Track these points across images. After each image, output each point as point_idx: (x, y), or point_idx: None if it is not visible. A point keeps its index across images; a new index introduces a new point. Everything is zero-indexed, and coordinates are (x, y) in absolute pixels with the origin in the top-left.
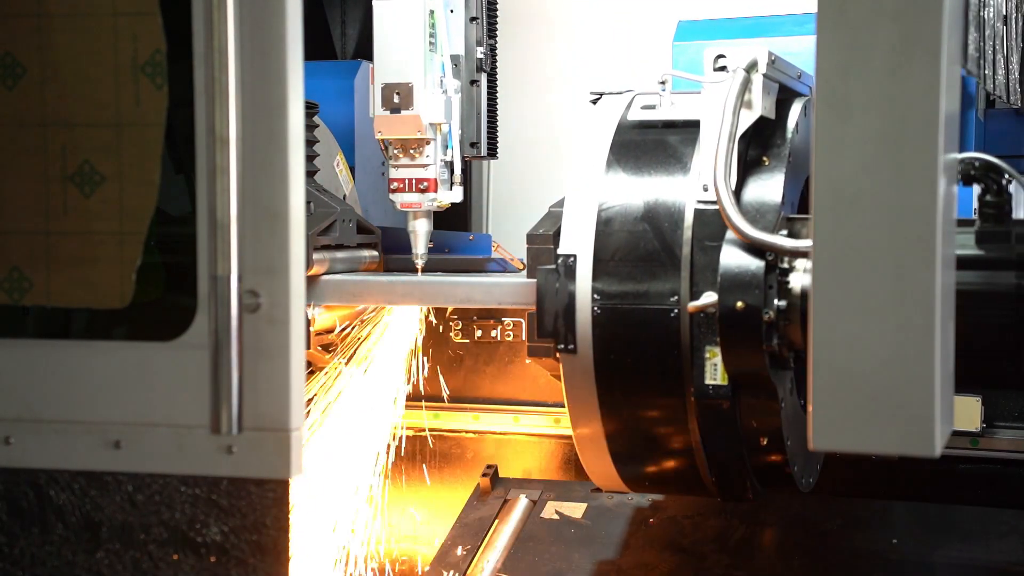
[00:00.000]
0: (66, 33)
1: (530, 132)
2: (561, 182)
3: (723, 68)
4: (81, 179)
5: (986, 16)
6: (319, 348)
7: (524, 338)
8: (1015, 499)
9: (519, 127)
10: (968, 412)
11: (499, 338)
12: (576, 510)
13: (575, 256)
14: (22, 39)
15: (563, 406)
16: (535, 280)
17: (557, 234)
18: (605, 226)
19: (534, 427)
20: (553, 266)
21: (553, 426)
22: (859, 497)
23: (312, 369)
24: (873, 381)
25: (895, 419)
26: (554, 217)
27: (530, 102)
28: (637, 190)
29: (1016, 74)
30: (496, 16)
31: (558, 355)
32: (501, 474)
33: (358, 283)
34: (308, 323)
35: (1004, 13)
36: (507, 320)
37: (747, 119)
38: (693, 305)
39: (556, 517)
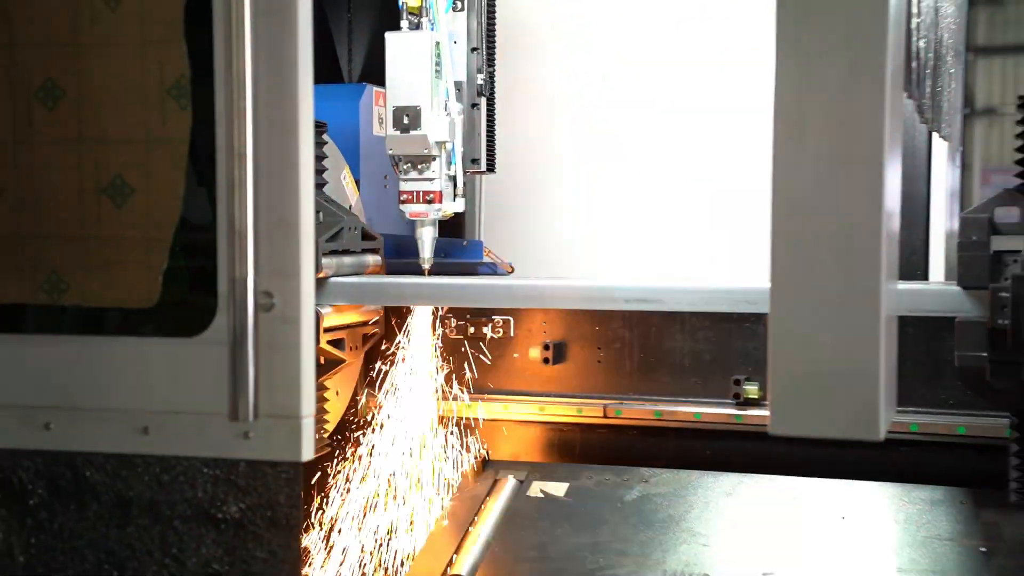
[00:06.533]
0: (101, 60)
1: (517, 150)
2: (545, 195)
3: None
4: (113, 191)
5: (920, 45)
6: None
7: (512, 334)
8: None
9: (507, 145)
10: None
11: (490, 334)
12: (559, 489)
13: None
14: (62, 65)
15: (547, 395)
16: (959, 288)
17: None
18: None
19: (522, 414)
20: None
21: (539, 413)
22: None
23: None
24: (825, 374)
25: (845, 407)
26: (978, 223)
27: (517, 123)
28: None
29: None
30: (495, 46)
31: None
32: (492, 457)
33: (441, 287)
34: (318, 321)
35: (936, 43)
36: (497, 318)
37: None
38: None
39: (541, 495)
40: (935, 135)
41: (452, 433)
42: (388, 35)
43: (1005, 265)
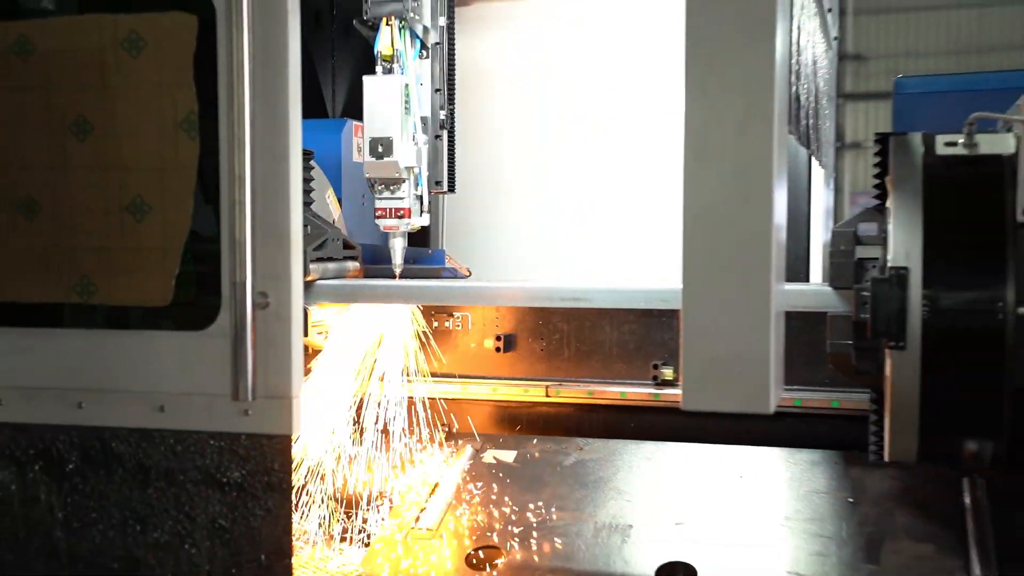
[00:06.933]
0: (123, 100)
1: (474, 173)
2: (497, 211)
3: None
4: (134, 209)
5: (803, 91)
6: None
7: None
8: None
9: (465, 170)
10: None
11: (451, 327)
12: (509, 456)
13: (907, 268)
14: (91, 104)
15: (499, 378)
16: (831, 289)
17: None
18: (930, 243)
19: (477, 394)
20: (886, 276)
21: (492, 393)
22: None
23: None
24: (727, 359)
25: (742, 386)
26: (845, 236)
27: (475, 151)
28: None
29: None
30: (455, 88)
31: (887, 351)
32: (453, 429)
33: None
34: (306, 317)
35: (816, 89)
36: (456, 315)
37: None
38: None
39: (493, 461)
40: (815, 164)
41: (421, 409)
42: (365, 78)
43: (866, 270)
